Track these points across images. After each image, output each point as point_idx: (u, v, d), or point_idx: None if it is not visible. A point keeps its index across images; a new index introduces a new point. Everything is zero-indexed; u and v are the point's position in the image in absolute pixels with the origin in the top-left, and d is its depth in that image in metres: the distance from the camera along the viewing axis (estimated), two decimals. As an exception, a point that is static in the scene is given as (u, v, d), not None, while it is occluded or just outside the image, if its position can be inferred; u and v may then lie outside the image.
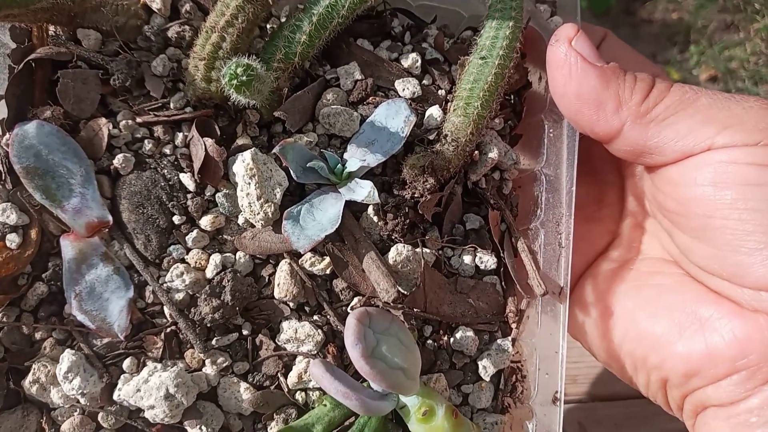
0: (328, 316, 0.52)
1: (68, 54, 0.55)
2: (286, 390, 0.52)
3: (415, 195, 0.51)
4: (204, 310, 0.50)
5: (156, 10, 0.57)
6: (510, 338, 0.55)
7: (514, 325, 0.55)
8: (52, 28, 0.57)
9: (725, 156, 0.46)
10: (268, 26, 0.58)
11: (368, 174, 0.53)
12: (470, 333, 0.53)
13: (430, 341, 0.53)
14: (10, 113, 0.54)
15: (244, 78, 0.44)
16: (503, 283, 0.56)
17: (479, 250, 0.55)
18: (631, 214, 0.61)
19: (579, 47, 0.50)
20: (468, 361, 0.54)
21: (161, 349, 0.51)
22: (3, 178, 0.53)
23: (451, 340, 0.53)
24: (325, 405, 0.50)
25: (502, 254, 0.55)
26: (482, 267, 0.55)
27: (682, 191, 0.49)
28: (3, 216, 0.52)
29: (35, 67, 0.55)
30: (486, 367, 0.54)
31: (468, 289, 0.54)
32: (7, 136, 0.52)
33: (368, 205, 0.53)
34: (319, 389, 0.52)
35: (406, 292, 0.51)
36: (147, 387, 0.49)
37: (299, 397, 0.53)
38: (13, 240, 0.52)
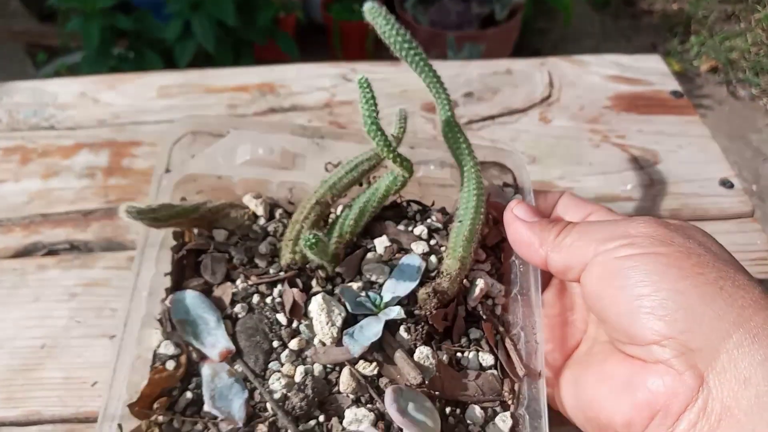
0: (377, 403, 0.74)
1: (207, 245, 0.88)
2: (351, 458, 0.72)
3: (426, 313, 0.76)
4: (294, 401, 0.73)
5: (260, 215, 0.91)
6: (509, 412, 0.74)
7: (510, 401, 0.74)
8: (195, 229, 0.92)
9: (602, 258, 0.66)
10: (330, 216, 0.90)
11: (397, 303, 0.79)
12: (478, 409, 0.74)
13: (450, 418, 0.74)
14: (172, 284, 0.85)
15: (313, 241, 0.72)
16: (500, 372, 0.76)
17: (480, 351, 0.78)
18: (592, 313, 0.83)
19: (518, 213, 0.79)
20: (479, 430, 0.73)
21: (266, 432, 0.74)
22: (165, 325, 0.82)
23: (465, 415, 0.74)
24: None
25: (496, 353, 0.78)
26: (483, 363, 0.77)
27: (587, 290, 0.69)
28: (165, 349, 0.79)
29: (186, 254, 0.89)
30: (492, 433, 0.73)
31: (474, 378, 0.76)
32: (168, 299, 0.83)
33: (401, 324, 0.78)
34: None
35: (426, 381, 0.74)
36: (257, 460, 0.71)
37: (362, 462, 0.72)
38: (170, 365, 0.79)
